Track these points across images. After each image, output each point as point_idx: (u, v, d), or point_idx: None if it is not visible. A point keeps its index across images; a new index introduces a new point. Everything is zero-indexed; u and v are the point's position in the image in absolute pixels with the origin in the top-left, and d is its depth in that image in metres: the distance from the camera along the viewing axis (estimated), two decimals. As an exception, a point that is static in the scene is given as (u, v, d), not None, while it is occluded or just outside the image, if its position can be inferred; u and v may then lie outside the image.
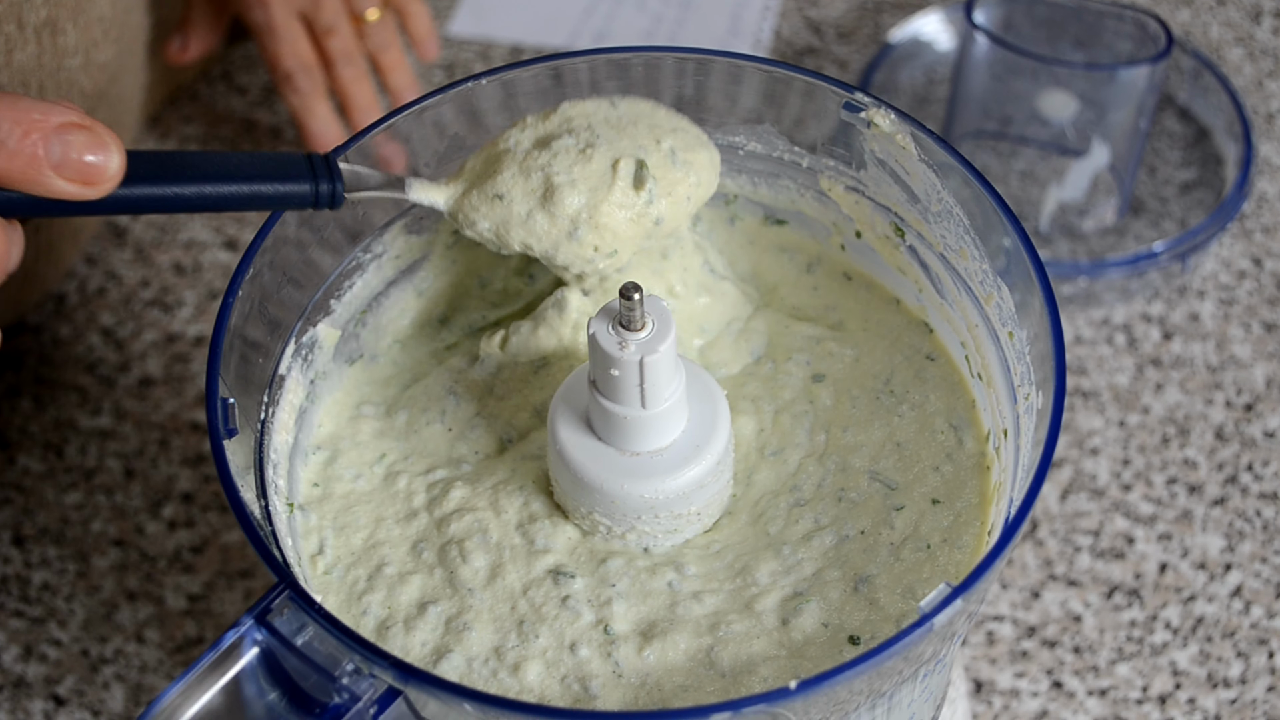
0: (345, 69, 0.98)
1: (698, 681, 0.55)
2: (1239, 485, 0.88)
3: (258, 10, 0.96)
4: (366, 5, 0.99)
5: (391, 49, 1.00)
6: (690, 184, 0.60)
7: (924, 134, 0.59)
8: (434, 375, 0.65)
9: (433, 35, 1.03)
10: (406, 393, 0.65)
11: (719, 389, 0.59)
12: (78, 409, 0.93)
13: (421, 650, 0.56)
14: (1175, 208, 1.00)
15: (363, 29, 0.99)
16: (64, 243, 0.93)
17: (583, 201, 0.58)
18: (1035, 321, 0.55)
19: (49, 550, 0.87)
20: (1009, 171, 1.00)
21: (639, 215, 0.59)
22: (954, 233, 0.60)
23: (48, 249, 0.91)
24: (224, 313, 0.55)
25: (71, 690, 0.82)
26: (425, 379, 0.66)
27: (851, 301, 0.66)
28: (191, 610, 0.85)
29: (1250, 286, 0.98)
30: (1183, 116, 1.05)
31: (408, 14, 1.01)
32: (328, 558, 0.59)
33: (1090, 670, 0.81)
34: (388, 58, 1.00)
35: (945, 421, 0.61)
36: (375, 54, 1.00)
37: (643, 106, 0.61)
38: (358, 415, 0.64)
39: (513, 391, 0.64)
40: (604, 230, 0.59)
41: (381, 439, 0.64)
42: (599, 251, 0.59)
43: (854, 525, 0.59)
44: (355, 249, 0.63)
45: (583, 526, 0.59)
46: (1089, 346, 0.94)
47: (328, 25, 0.97)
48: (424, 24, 1.02)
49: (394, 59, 1.00)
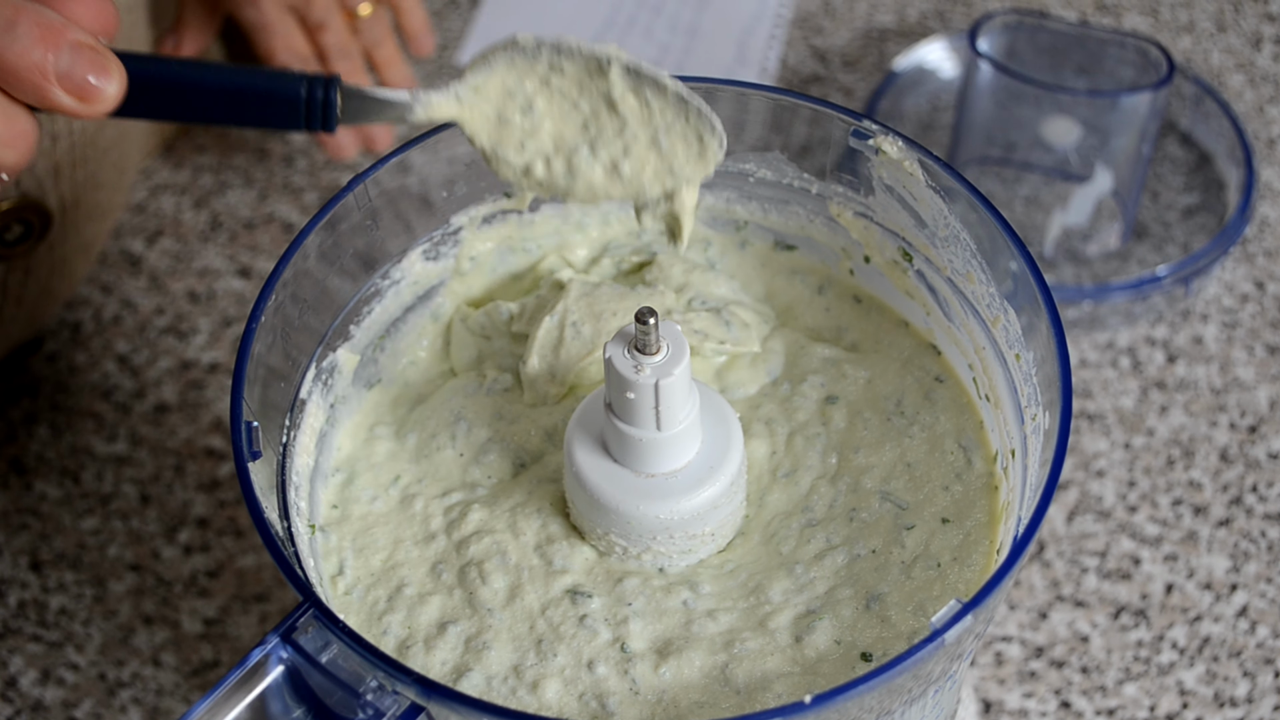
0: (340, 64, 0.97)
1: (713, 698, 0.56)
2: (1244, 506, 0.89)
3: (249, 8, 0.95)
4: (358, 0, 0.98)
5: (385, 44, 0.99)
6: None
7: (931, 160, 0.60)
8: (439, 396, 0.66)
9: (427, 30, 1.01)
10: (413, 414, 0.66)
11: (732, 412, 0.60)
12: (94, 435, 0.94)
13: (442, 669, 0.57)
14: (1178, 232, 1.01)
15: (356, 24, 0.98)
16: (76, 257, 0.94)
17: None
18: (1041, 344, 0.56)
19: (66, 575, 0.88)
20: (1014, 197, 1.01)
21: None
22: (961, 257, 0.61)
23: (61, 264, 0.92)
24: (247, 337, 0.56)
25: (89, 714, 0.83)
26: (430, 399, 0.66)
27: (863, 323, 0.67)
28: (207, 634, 0.86)
29: (1253, 309, 0.99)
30: (1184, 142, 1.06)
31: (401, 9, 1.00)
32: (348, 578, 0.60)
33: (1098, 690, 0.82)
34: (382, 53, 0.99)
35: (954, 442, 0.62)
36: (369, 50, 0.98)
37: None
38: (372, 437, 0.65)
39: (521, 415, 0.65)
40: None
41: (394, 461, 0.65)
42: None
43: (865, 544, 0.60)
44: (374, 275, 0.65)
45: (599, 547, 0.60)
46: (1094, 370, 0.95)
47: (320, 20, 0.96)
48: (418, 18, 1.01)
49: (388, 54, 0.99)
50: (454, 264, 0.68)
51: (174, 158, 1.10)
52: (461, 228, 0.67)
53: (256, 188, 1.07)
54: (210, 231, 1.05)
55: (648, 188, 0.55)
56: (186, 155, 1.10)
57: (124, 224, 1.05)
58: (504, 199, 0.67)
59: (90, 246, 0.96)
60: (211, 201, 1.07)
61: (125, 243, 1.04)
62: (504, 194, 0.67)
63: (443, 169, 0.65)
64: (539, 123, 0.55)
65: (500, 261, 0.69)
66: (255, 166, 1.09)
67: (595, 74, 0.55)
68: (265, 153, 1.09)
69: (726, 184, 0.68)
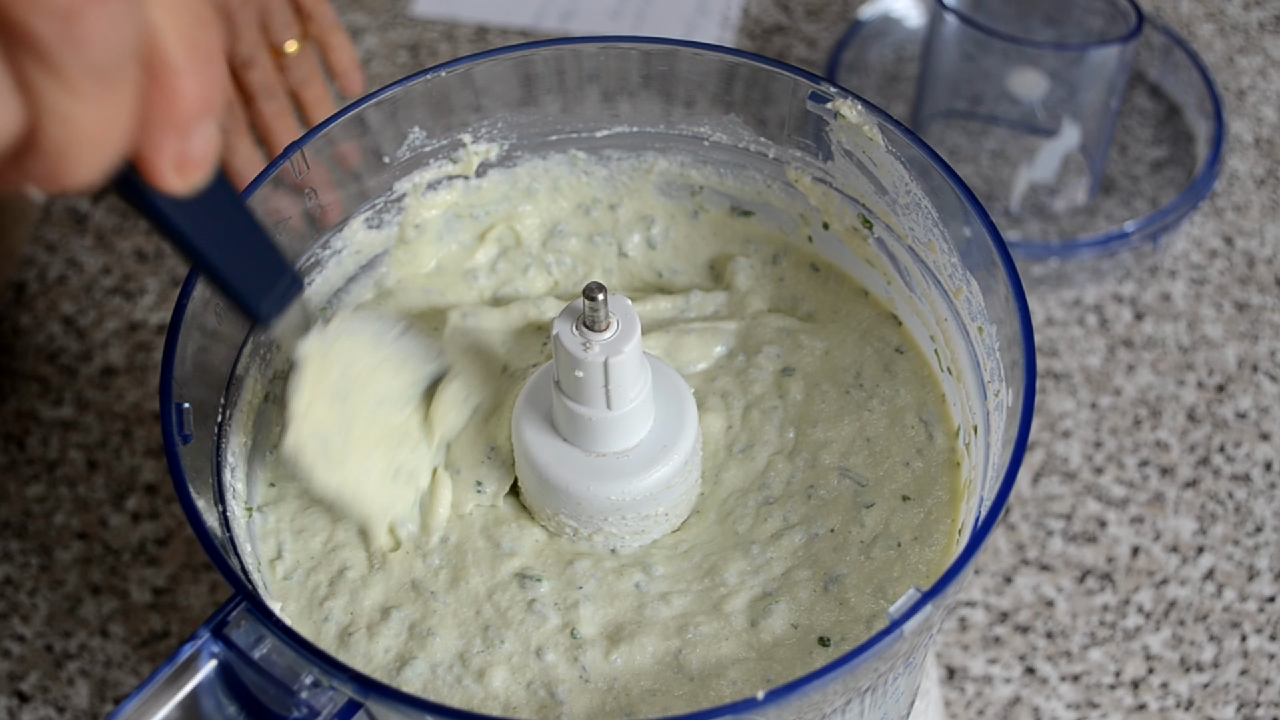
0: (267, 104, 0.92)
1: (666, 685, 0.54)
2: (1211, 467, 0.88)
3: None
4: (285, 37, 0.93)
5: (313, 83, 0.94)
6: None
7: (891, 125, 0.58)
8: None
9: (356, 67, 0.96)
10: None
11: (687, 387, 0.58)
12: (39, 399, 0.92)
13: (385, 657, 0.55)
14: (1146, 186, 0.99)
15: (282, 62, 0.93)
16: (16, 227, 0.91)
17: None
18: (1005, 317, 0.54)
19: (11, 544, 0.86)
20: (979, 151, 0.99)
21: None
22: (922, 225, 0.59)
23: None
24: (178, 314, 0.53)
25: (35, 686, 0.81)
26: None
27: (820, 293, 0.66)
28: (157, 604, 0.84)
29: (1222, 266, 0.97)
30: (1153, 94, 1.04)
31: (329, 45, 0.95)
32: (286, 562, 0.58)
33: (1063, 655, 0.81)
34: (310, 93, 0.94)
35: (915, 416, 0.61)
36: (297, 89, 0.94)
37: None
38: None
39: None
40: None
41: None
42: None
43: (823, 523, 0.58)
44: (314, 245, 0.62)
45: (549, 528, 0.58)
46: (1060, 328, 0.94)
47: (246, 58, 0.91)
48: (346, 55, 0.95)
49: (316, 94, 0.94)
50: (398, 232, 0.66)
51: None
52: (405, 194, 0.65)
53: (204, 143, 1.04)
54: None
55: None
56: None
57: (68, 181, 1.02)
58: (449, 164, 0.65)
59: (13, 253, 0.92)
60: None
61: (70, 199, 1.01)
62: (449, 159, 0.65)
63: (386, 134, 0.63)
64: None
65: (447, 229, 0.67)
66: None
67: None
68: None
69: (681, 148, 0.65)
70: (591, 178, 0.67)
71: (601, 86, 0.63)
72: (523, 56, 0.62)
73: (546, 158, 0.66)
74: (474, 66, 0.62)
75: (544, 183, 0.67)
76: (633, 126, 0.65)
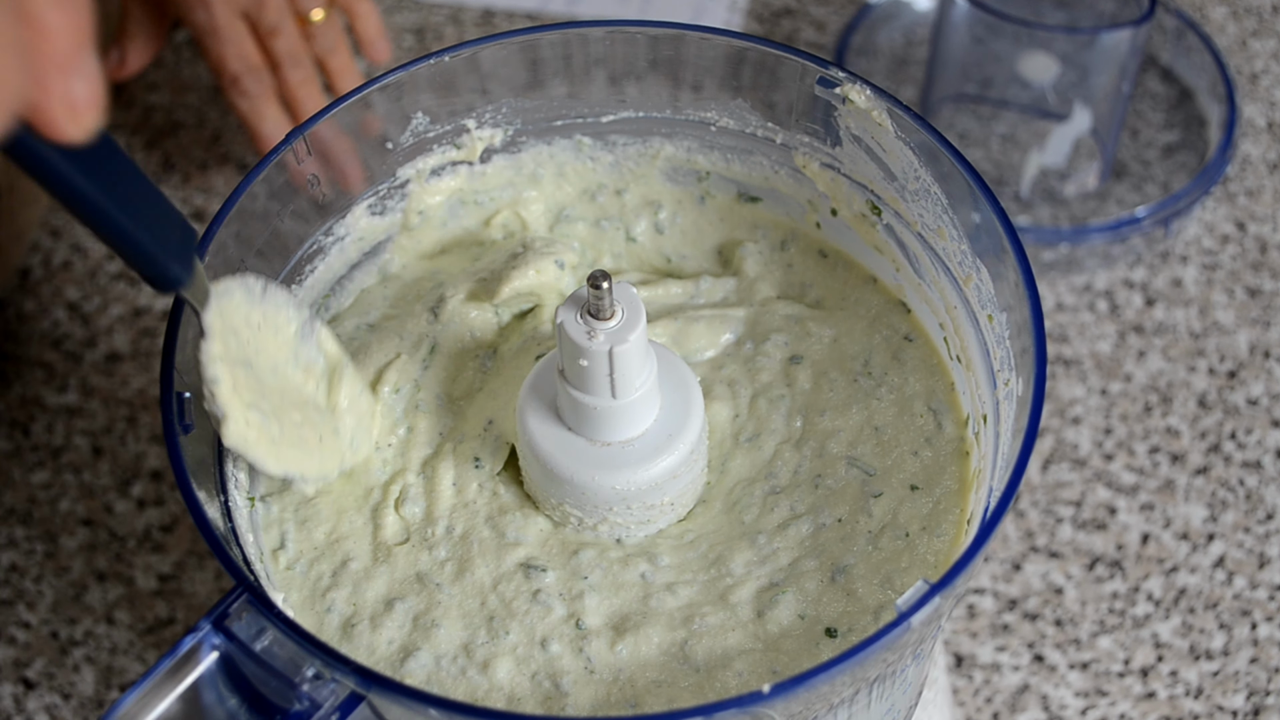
0: (292, 72, 0.93)
1: (671, 677, 0.54)
2: (1222, 454, 0.87)
3: (200, 11, 0.91)
4: (311, 5, 0.93)
5: (339, 52, 0.95)
6: None
7: (901, 110, 0.57)
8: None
9: (382, 36, 0.97)
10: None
11: (693, 376, 0.57)
12: (44, 385, 0.92)
13: (388, 649, 0.55)
14: (1158, 171, 0.98)
15: (308, 30, 0.94)
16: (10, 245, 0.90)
17: None
18: (1014, 304, 0.54)
19: (16, 530, 0.86)
20: (990, 135, 0.98)
21: None
22: (932, 212, 0.58)
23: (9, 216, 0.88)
24: (177, 304, 0.53)
25: (41, 673, 0.81)
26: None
27: (828, 279, 0.65)
28: (162, 590, 0.83)
29: (1234, 251, 0.96)
30: (1165, 77, 1.03)
31: (355, 14, 0.96)
32: (289, 552, 0.58)
33: (1072, 643, 0.81)
34: (335, 61, 0.95)
35: (924, 405, 0.60)
36: (322, 57, 0.95)
37: None
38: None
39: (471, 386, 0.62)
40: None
41: None
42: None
43: (831, 513, 0.57)
44: (316, 232, 0.62)
45: (554, 518, 0.58)
46: (1070, 313, 0.93)
47: (272, 25, 0.91)
48: (373, 24, 0.97)
49: (341, 63, 0.95)
50: (402, 218, 0.65)
51: (124, 97, 1.06)
52: (409, 180, 0.64)
53: (209, 128, 1.04)
54: (163, 173, 1.02)
55: None
56: (137, 94, 1.06)
57: (73, 165, 1.02)
58: (453, 149, 0.64)
59: (24, 234, 0.92)
60: (164, 141, 1.03)
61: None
62: (453, 145, 0.64)
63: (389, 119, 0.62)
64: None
65: (451, 215, 0.66)
66: (209, 105, 1.05)
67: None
68: (218, 92, 1.06)
69: (687, 133, 0.65)
70: (597, 163, 0.67)
71: (608, 71, 0.63)
72: (529, 40, 0.62)
73: (551, 143, 0.66)
74: (479, 50, 0.61)
75: (549, 168, 0.66)
76: (639, 111, 0.64)
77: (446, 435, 0.60)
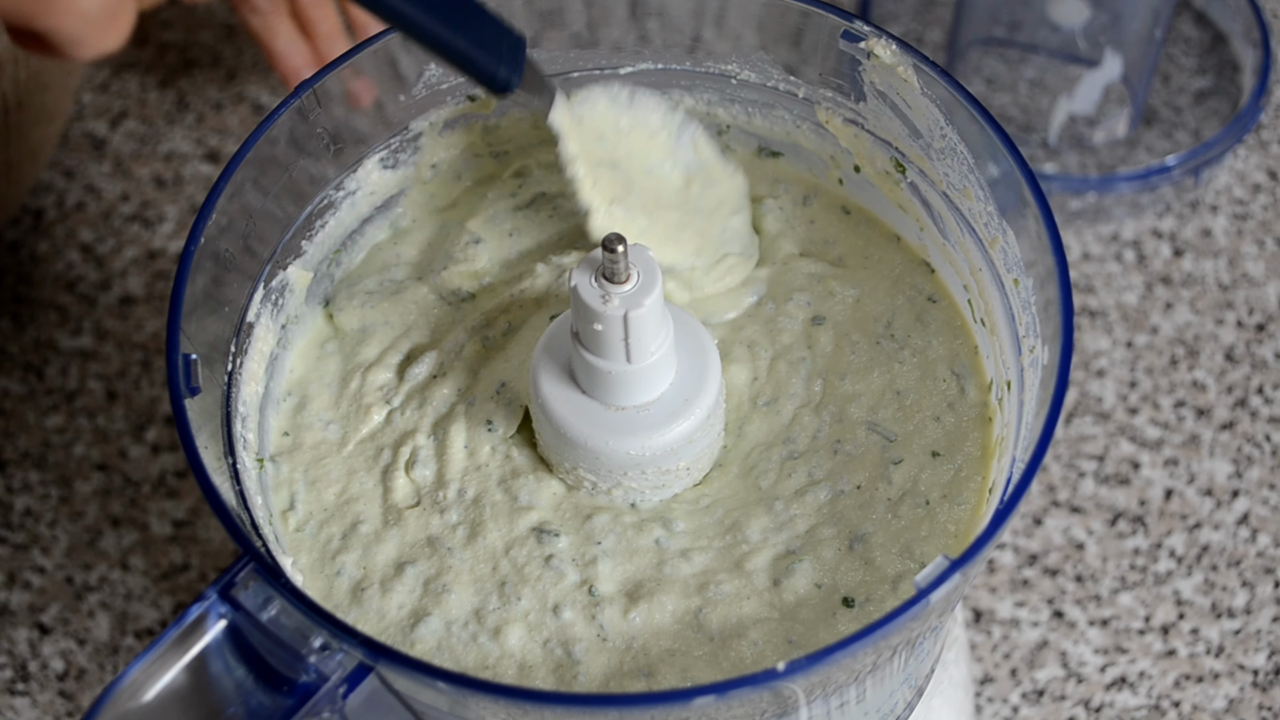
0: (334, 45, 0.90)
1: (685, 645, 0.53)
2: (1248, 409, 0.86)
3: None
4: None
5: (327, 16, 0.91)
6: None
7: (927, 66, 0.55)
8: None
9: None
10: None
11: (710, 339, 0.56)
12: (58, 328, 0.91)
13: (399, 613, 0.54)
14: (1189, 118, 0.96)
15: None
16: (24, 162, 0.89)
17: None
18: (1038, 258, 0.52)
19: (31, 475, 0.85)
20: (1018, 80, 0.96)
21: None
22: (958, 171, 0.57)
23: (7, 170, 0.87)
24: (185, 260, 0.52)
25: (56, 618, 0.81)
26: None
27: (851, 236, 0.63)
28: (177, 536, 0.83)
29: (1265, 201, 0.94)
30: (1199, 21, 1.01)
31: None
32: (299, 514, 0.57)
33: (1092, 599, 0.80)
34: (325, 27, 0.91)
35: (947, 368, 0.59)
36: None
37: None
38: (324, 354, 0.61)
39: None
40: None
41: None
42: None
43: (850, 480, 0.56)
44: (327, 187, 0.61)
45: (568, 481, 0.57)
46: (1097, 263, 0.91)
47: None
48: None
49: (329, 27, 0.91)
50: (414, 172, 0.64)
51: (137, 33, 1.05)
52: (421, 133, 0.63)
53: (224, 66, 1.02)
54: (176, 112, 1.00)
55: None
56: (151, 31, 1.05)
57: (87, 104, 1.00)
58: (466, 102, 0.63)
59: (38, 152, 0.91)
60: (178, 80, 1.02)
61: (88, 124, 1.00)
62: (466, 97, 0.63)
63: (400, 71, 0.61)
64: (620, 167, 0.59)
65: (465, 168, 0.65)
66: (224, 44, 1.04)
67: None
68: (233, 30, 1.04)
69: (707, 86, 0.63)
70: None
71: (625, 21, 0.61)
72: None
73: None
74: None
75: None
76: (658, 64, 0.63)
77: (459, 397, 0.59)
